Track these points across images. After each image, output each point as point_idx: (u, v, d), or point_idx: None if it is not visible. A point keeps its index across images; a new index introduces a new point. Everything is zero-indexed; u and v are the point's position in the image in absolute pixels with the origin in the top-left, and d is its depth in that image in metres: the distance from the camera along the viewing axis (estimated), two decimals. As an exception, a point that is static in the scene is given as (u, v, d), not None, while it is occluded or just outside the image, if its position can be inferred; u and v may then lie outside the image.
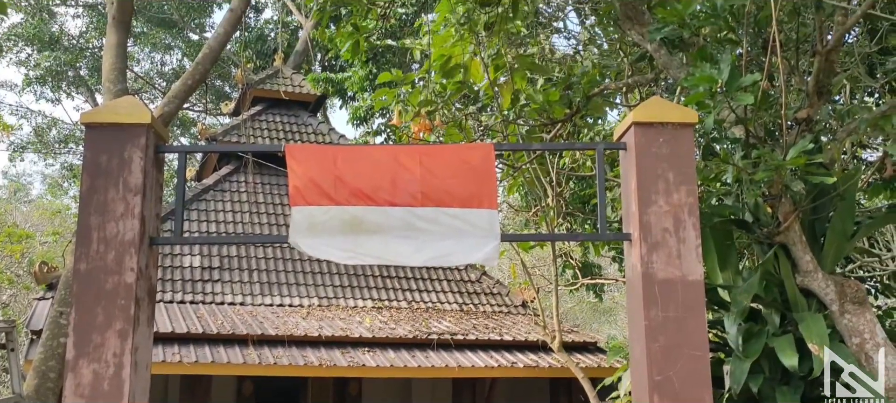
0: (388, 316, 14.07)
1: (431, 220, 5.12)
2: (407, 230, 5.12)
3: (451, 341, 12.82)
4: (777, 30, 5.79)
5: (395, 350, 12.53)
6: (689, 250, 4.92)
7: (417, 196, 5.14)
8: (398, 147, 5.86)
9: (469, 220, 5.13)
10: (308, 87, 18.70)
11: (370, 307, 14.65)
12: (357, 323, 13.29)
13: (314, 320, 13.36)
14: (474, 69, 9.27)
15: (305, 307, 14.33)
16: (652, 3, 7.57)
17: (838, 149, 6.21)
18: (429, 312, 14.67)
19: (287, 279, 14.87)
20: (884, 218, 6.86)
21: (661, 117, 5.07)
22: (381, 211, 5.12)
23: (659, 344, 4.78)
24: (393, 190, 5.15)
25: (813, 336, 5.31)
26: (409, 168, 5.18)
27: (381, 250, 5.08)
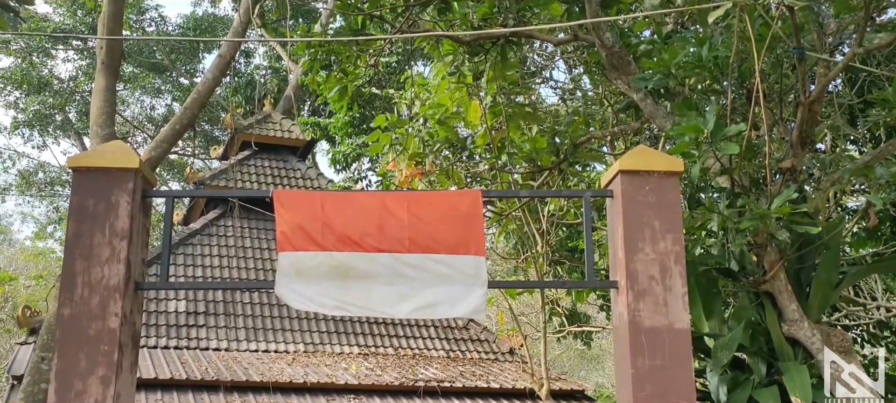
0: (374, 362, 13.96)
1: (418, 267, 5.11)
2: (394, 277, 5.10)
3: (437, 388, 12.70)
4: (761, 80, 5.87)
5: (382, 398, 12.40)
6: (676, 298, 4.93)
7: (405, 242, 5.14)
8: (386, 193, 5.87)
9: (456, 267, 5.12)
10: (297, 132, 18.75)
11: (356, 353, 14.54)
12: (343, 370, 13.18)
13: (299, 366, 13.24)
14: (472, 114, 9.34)
15: (291, 353, 14.20)
16: (638, 53, 7.67)
17: (822, 199, 6.28)
18: (415, 359, 14.57)
19: (272, 325, 14.76)
20: (868, 267, 6.91)
21: (647, 166, 5.11)
22: (369, 258, 5.11)
23: (645, 393, 4.77)
24: (380, 236, 5.14)
25: (796, 389, 5.31)
26: (396, 214, 5.18)
27: (365, 300, 5.06)
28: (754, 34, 5.57)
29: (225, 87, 27.78)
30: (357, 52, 8.50)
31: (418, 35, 8.59)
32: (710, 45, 6.09)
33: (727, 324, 6.21)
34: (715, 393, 5.62)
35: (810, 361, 5.76)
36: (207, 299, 14.81)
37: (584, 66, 10.31)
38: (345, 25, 8.42)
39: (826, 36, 6.04)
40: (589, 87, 11.49)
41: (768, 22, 5.66)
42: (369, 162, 19.18)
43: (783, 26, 5.92)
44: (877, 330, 11.42)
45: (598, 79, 9.96)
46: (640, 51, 7.75)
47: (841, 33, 6.48)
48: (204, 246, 16.00)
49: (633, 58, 7.52)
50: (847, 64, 5.89)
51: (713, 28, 6.56)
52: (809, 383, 5.39)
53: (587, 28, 7.44)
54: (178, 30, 30.68)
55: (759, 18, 5.80)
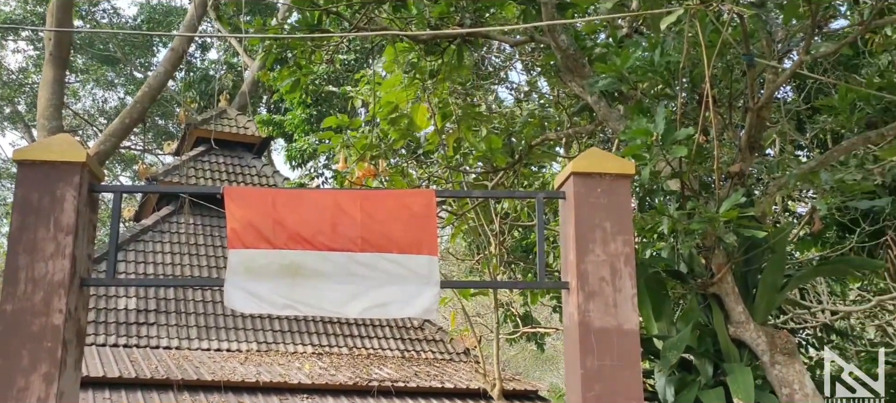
0: (328, 362, 13.90)
1: (371, 266, 5.10)
2: (346, 276, 5.09)
3: (391, 388, 12.69)
4: (711, 86, 5.96)
5: (335, 397, 12.35)
6: (625, 299, 4.99)
7: (357, 241, 5.12)
8: (339, 191, 5.85)
9: (409, 266, 5.12)
10: (253, 129, 18.59)
11: (310, 353, 14.46)
12: (296, 369, 13.10)
13: (252, 365, 13.13)
14: (420, 116, 9.35)
15: (243, 352, 14.08)
16: (593, 56, 7.74)
17: (769, 203, 6.40)
18: (370, 359, 14.53)
19: (225, 323, 14.60)
20: (813, 271, 7.06)
21: (599, 168, 5.16)
22: (320, 256, 5.09)
23: (594, 393, 4.81)
24: (333, 235, 5.12)
25: (740, 391, 5.41)
26: (349, 213, 5.16)
27: (316, 298, 5.03)
28: (705, 40, 5.65)
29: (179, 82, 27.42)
30: (312, 47, 8.45)
31: (374, 33, 8.57)
32: (662, 49, 6.17)
33: (675, 326, 6.30)
34: (662, 394, 5.70)
35: (755, 363, 5.87)
36: (158, 297, 14.60)
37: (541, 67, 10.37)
38: (301, 20, 8.36)
39: (775, 43, 6.16)
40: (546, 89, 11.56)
41: (719, 28, 5.75)
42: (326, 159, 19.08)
43: (733, 33, 6.02)
44: (823, 334, 11.67)
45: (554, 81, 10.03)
46: (595, 54, 7.82)
47: (789, 41, 6.61)
48: (155, 242, 15.77)
49: (588, 60, 7.59)
50: (794, 71, 6.02)
51: (665, 33, 6.64)
52: (753, 384, 5.49)
53: (543, 30, 7.49)
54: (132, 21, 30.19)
55: (711, 25, 5.89)
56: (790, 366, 5.64)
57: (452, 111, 9.15)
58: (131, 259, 15.27)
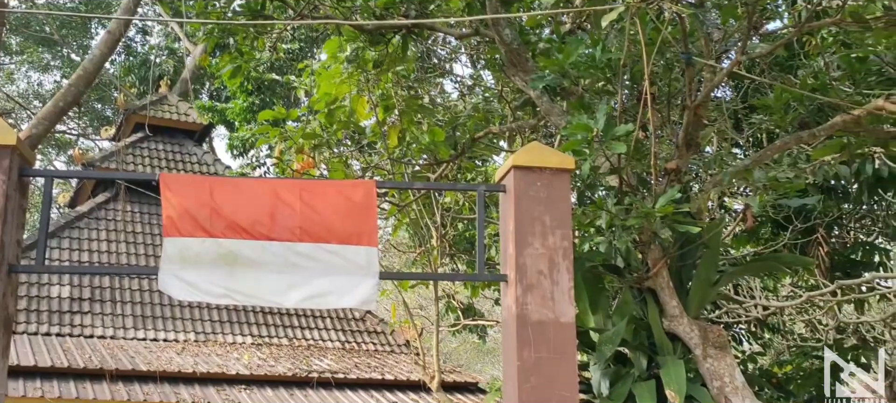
0: (267, 353, 13.77)
1: (309, 256, 5.07)
2: (284, 266, 5.05)
3: (331, 380, 12.64)
4: (650, 83, 6.05)
5: (274, 389, 12.26)
6: (563, 292, 5.04)
7: (296, 231, 5.09)
8: (278, 180, 5.80)
9: (348, 257, 5.11)
10: (193, 116, 18.29)
11: (250, 344, 14.31)
12: (235, 360, 12.96)
13: (190, 356, 12.95)
14: (360, 108, 9.30)
15: (181, 342, 13.86)
16: (537, 51, 7.79)
17: (704, 200, 6.53)
18: (310, 350, 14.45)
19: (162, 312, 14.36)
20: (745, 267, 7.22)
21: (539, 162, 5.20)
22: (258, 246, 5.05)
23: (530, 385, 4.86)
24: (271, 224, 5.08)
25: (672, 383, 5.51)
26: (288, 202, 5.13)
27: (253, 288, 5.00)
28: (645, 38, 5.73)
29: (119, 66, 26.82)
30: (254, 33, 8.34)
31: (317, 21, 8.49)
32: (603, 46, 6.24)
33: (611, 319, 6.39)
34: (596, 386, 5.78)
35: (688, 356, 5.99)
36: (93, 285, 14.29)
37: (486, 61, 10.40)
38: (244, 5, 8.24)
39: (713, 43, 6.27)
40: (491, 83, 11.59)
41: (659, 27, 5.84)
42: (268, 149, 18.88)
43: (673, 31, 6.12)
44: (756, 329, 11.96)
45: (499, 75, 10.07)
46: (538, 49, 7.87)
47: (726, 41, 6.74)
48: (91, 229, 15.43)
49: (531, 55, 7.63)
50: (731, 70, 6.14)
51: (607, 30, 6.72)
52: (685, 377, 5.60)
53: (488, 23, 7.51)
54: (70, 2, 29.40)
55: (651, 23, 5.97)
56: (721, 360, 5.77)
57: (395, 103, 9.12)
58: (66, 246, 14.91)
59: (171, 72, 24.48)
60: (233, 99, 19.15)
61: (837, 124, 6.12)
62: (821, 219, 10.16)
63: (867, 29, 5.65)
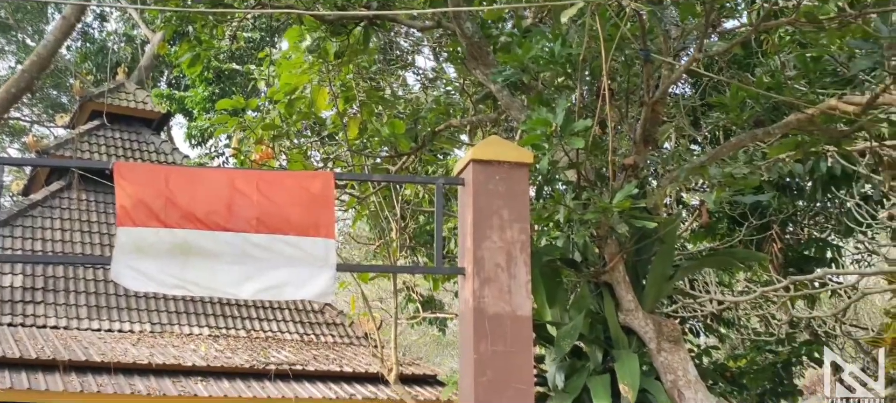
0: (225, 344, 13.65)
1: (266, 248, 5.05)
2: (239, 257, 5.02)
3: (289, 372, 12.57)
4: (609, 79, 6.10)
5: (231, 380, 12.16)
6: (520, 286, 5.08)
7: (252, 222, 5.07)
8: (235, 171, 5.76)
9: (305, 249, 5.10)
10: (151, 104, 18.03)
11: (206, 335, 14.17)
12: (191, 352, 12.82)
13: (145, 347, 12.78)
14: (321, 99, 9.24)
15: (136, 333, 13.68)
16: (497, 45, 7.80)
17: (661, 195, 6.60)
18: (268, 342, 14.35)
19: (117, 303, 14.16)
20: (701, 262, 7.31)
21: (498, 156, 5.23)
22: (213, 236, 5.01)
23: (487, 378, 4.89)
24: (227, 215, 5.05)
25: (625, 377, 5.58)
26: (245, 193, 5.10)
27: (209, 279, 4.96)
28: (604, 34, 5.77)
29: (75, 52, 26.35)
30: (214, 21, 8.25)
31: (278, 11, 8.42)
32: (563, 41, 6.27)
33: (568, 313, 6.44)
34: (552, 380, 5.83)
35: (643, 349, 6.05)
36: (46, 274, 14.05)
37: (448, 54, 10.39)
38: (205, -8, 8.16)
39: (671, 40, 6.33)
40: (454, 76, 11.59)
41: (618, 23, 5.88)
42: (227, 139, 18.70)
43: (632, 28, 6.17)
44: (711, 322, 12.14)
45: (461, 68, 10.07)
46: (499, 43, 7.89)
47: (684, 38, 6.81)
48: (45, 218, 15.15)
49: (493, 49, 7.64)
50: (688, 68, 6.20)
51: (568, 25, 6.75)
52: (638, 371, 5.66)
53: (450, 16, 7.51)
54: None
55: (611, 19, 6.01)
56: (675, 353, 5.84)
57: (355, 94, 9.09)
58: (19, 234, 14.63)
59: (129, 59, 24.11)
60: (192, 88, 18.90)
61: (792, 123, 6.22)
62: (776, 216, 10.33)
63: (821, 29, 5.74)
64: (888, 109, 6.22)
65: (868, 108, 5.80)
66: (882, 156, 8.09)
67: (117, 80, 18.24)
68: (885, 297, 15.44)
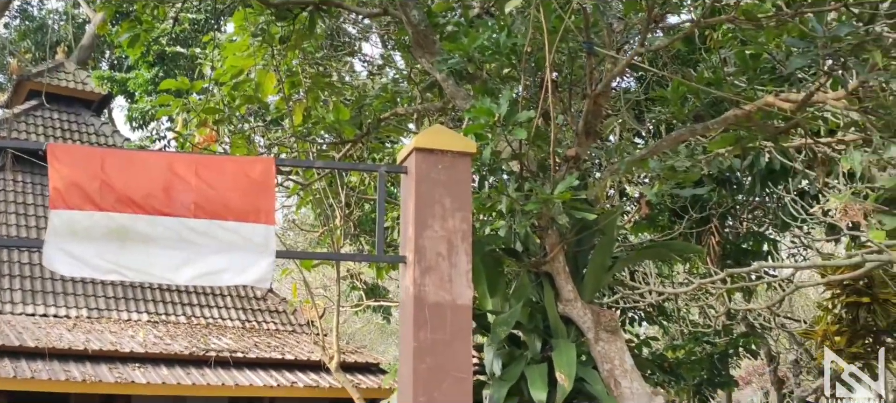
0: (164, 330, 13.45)
1: (205, 233, 4.98)
2: (177, 242, 4.95)
3: (230, 359, 12.44)
4: (553, 71, 6.14)
5: (169, 367, 11.99)
6: (460, 275, 5.09)
7: (191, 207, 5.00)
8: (174, 154, 5.67)
9: (244, 235, 5.04)
10: (92, 85, 17.62)
11: (145, 321, 13.93)
12: (129, 338, 12.61)
13: (81, 332, 12.53)
14: (267, 83, 9.14)
15: (72, 318, 13.40)
16: (444, 34, 7.79)
17: (602, 187, 6.68)
18: (209, 328, 14.18)
19: (53, 287, 13.83)
20: (638, 253, 7.42)
21: (441, 145, 5.22)
22: (150, 221, 4.93)
23: (426, 366, 4.89)
24: (165, 199, 4.97)
25: (562, 365, 5.65)
26: (184, 177, 5.03)
27: (145, 264, 4.88)
28: (548, 26, 5.80)
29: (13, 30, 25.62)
30: (155, 2, 8.09)
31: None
32: (509, 32, 6.29)
33: (509, 302, 6.48)
34: (489, 367, 5.87)
35: (581, 339, 6.13)
36: (-21, 257, 13.67)
37: (395, 41, 10.35)
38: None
39: (614, 34, 6.40)
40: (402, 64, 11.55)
41: (562, 15, 5.92)
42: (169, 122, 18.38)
43: (576, 20, 6.21)
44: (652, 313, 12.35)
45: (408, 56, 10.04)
46: (445, 32, 7.88)
47: (628, 32, 6.88)
48: (-23, 200, 14.73)
49: (439, 38, 7.63)
50: (630, 61, 6.27)
51: (514, 16, 6.78)
52: (575, 360, 5.73)
53: (396, 3, 7.48)
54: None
55: (555, 11, 6.05)
56: (612, 343, 5.92)
57: (301, 80, 9.00)
58: (-50, 216, 14.21)
59: (69, 38, 23.53)
60: (134, 69, 18.52)
61: (730, 118, 6.33)
62: (715, 210, 10.54)
63: (760, 27, 5.85)
64: (823, 107, 6.39)
65: (803, 106, 5.94)
66: (817, 152, 8.30)
67: (57, 60, 17.77)
68: (818, 290, 15.87)
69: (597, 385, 5.81)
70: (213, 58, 9.95)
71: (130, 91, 19.14)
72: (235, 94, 8.58)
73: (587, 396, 5.94)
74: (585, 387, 5.89)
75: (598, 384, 5.83)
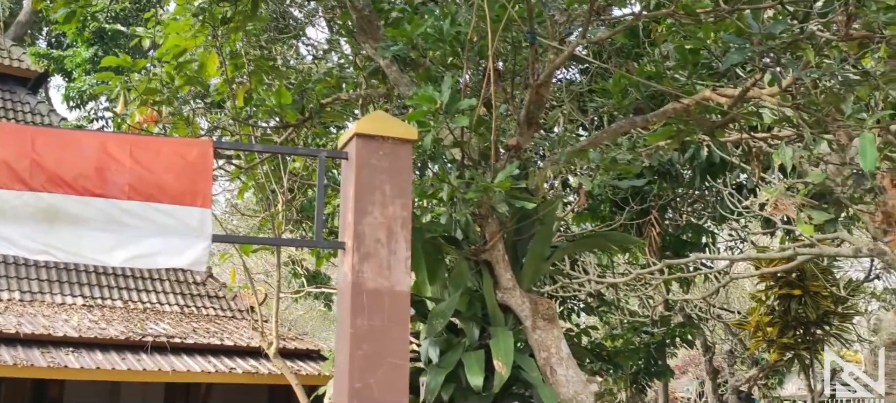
0: (99, 315, 13.19)
1: (138, 215, 4.91)
2: (109, 224, 4.87)
3: (167, 344, 12.26)
4: (497, 60, 6.15)
5: (104, 352, 11.77)
6: (399, 262, 5.09)
7: (125, 188, 4.92)
8: (108, 134, 5.58)
9: (180, 218, 4.98)
10: (28, 62, 17.13)
11: (80, 305, 13.64)
12: (63, 322, 12.34)
13: (13, 316, 12.22)
14: (209, 65, 9.00)
15: (3, 301, 13.04)
16: (389, 20, 7.75)
17: (542, 177, 6.72)
18: (146, 313, 13.94)
19: (-17, 269, 13.46)
20: (577, 243, 7.50)
21: (383, 131, 5.21)
22: (82, 202, 4.85)
23: (362, 352, 4.89)
24: (98, 180, 4.89)
25: (500, 353, 5.69)
26: (118, 158, 4.96)
27: (76, 245, 4.80)
28: (491, 15, 5.82)
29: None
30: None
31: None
32: (452, 20, 6.28)
33: (449, 290, 6.50)
34: (425, 355, 5.89)
35: (519, 327, 6.18)
36: None
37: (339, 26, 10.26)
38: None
39: (557, 25, 6.44)
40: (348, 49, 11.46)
41: (505, 4, 5.93)
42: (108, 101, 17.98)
43: (520, 10, 6.23)
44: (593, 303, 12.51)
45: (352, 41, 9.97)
46: (391, 17, 7.84)
47: (570, 24, 6.93)
48: None
49: (384, 23, 7.59)
50: (571, 53, 6.32)
51: (458, 4, 6.77)
52: (512, 347, 5.78)
53: (341, -12, 7.42)
54: None
55: (499, 0, 6.06)
56: (549, 331, 5.98)
57: (245, 62, 8.88)
58: None
59: (6, 14, 22.82)
60: (72, 47, 18.05)
61: (669, 111, 6.43)
62: (655, 201, 10.70)
63: (699, 22, 5.95)
64: (759, 103, 6.52)
65: (739, 101, 6.06)
66: (752, 147, 8.48)
67: (-9, 35, 17.24)
68: (753, 282, 16.27)
69: (533, 373, 5.87)
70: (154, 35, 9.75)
71: (68, 69, 18.65)
72: (176, 75, 8.42)
73: (523, 383, 5.99)
74: (522, 374, 5.94)
75: (534, 371, 5.89)
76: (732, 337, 19.69)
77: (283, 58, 10.68)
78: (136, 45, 13.76)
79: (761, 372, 18.68)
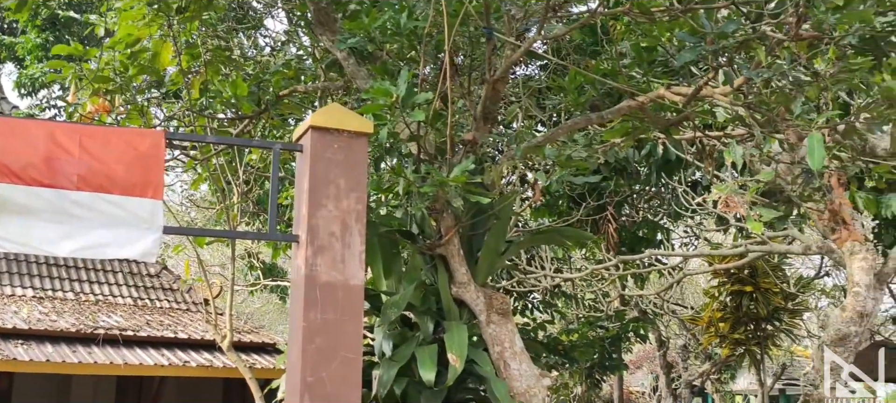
0: (50, 307, 12.95)
1: (87, 206, 4.84)
2: (57, 214, 4.80)
3: (119, 337, 12.08)
4: (454, 55, 6.15)
5: (54, 344, 11.56)
6: (353, 255, 5.07)
7: (73, 179, 4.85)
8: (57, 124, 5.49)
9: (130, 209, 4.92)
10: (-22, 49, 16.76)
11: (30, 296, 13.38)
12: (12, 313, 12.09)
13: (-40, 308, 11.95)
14: (164, 54, 8.86)
15: (-49, 293, 12.76)
16: (348, 12, 7.71)
17: (498, 172, 6.74)
18: (98, 305, 13.72)
19: (-70, 260, 13.15)
20: (531, 238, 7.53)
21: (338, 124, 5.19)
22: (29, 192, 4.77)
23: (315, 346, 4.87)
24: (46, 170, 4.82)
25: (454, 346, 5.71)
26: (67, 148, 4.88)
27: (24, 236, 4.72)
28: (448, 10, 5.81)
29: None
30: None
31: (116, -42, 7.98)
32: (410, 14, 6.27)
33: (404, 284, 6.50)
34: (378, 348, 5.88)
35: (473, 321, 6.20)
36: None
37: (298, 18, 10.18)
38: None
39: (514, 21, 6.45)
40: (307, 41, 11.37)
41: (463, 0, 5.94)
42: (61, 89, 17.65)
43: (477, 6, 6.24)
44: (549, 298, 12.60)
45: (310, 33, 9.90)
46: (349, 10, 7.80)
47: (527, 20, 6.95)
48: None
49: (343, 16, 7.55)
50: (528, 48, 6.34)
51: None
52: (466, 341, 5.80)
53: (298, -21, 7.36)
54: None
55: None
56: (503, 326, 6.01)
57: (201, 52, 8.76)
58: None
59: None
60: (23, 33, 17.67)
61: (624, 109, 6.48)
62: (612, 198, 10.80)
63: (653, 21, 6.00)
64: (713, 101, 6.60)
65: (693, 99, 6.13)
66: (706, 145, 8.60)
67: (-61, 19, 16.84)
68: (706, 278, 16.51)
69: (487, 367, 5.89)
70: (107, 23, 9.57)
71: (20, 56, 18.26)
72: (130, 64, 8.28)
73: (477, 377, 6.02)
74: (476, 368, 5.96)
75: (487, 365, 5.91)
76: (686, 333, 19.97)
77: (241, 48, 10.58)
78: (89, 33, 13.52)
79: (714, 367, 18.97)
